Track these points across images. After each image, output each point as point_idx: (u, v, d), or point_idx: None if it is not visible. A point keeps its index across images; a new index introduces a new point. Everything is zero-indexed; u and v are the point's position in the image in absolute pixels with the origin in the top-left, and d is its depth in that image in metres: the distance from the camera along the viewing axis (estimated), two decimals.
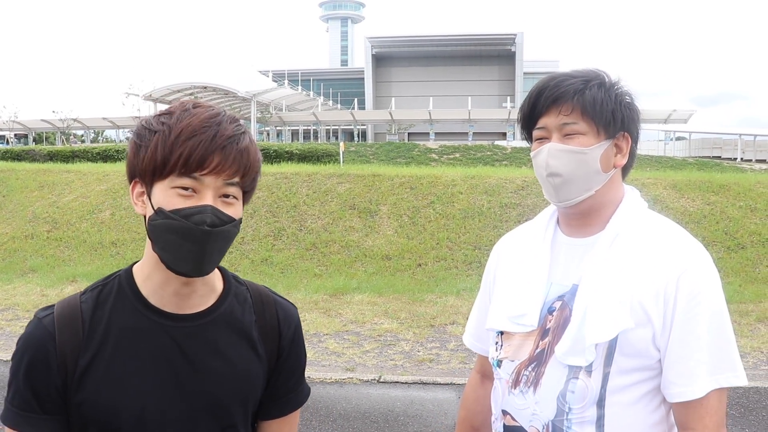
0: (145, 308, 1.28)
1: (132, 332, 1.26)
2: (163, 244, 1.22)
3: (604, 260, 1.45)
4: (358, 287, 9.58)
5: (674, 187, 12.34)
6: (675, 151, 45.60)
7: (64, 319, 1.25)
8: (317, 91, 77.30)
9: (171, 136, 1.18)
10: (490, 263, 1.78)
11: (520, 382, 1.51)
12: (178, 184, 1.19)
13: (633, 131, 1.52)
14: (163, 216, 1.19)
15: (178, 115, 1.21)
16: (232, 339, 1.33)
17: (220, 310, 1.33)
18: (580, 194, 1.48)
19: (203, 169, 1.18)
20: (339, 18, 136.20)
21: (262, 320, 1.39)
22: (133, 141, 1.23)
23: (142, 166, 1.21)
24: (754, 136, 41.90)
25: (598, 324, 1.39)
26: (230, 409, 1.32)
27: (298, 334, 1.45)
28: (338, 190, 12.92)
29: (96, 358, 1.24)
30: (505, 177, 13.22)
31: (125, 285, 1.30)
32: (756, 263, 10.08)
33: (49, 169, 16.32)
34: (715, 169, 24.93)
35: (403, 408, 5.40)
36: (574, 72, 1.52)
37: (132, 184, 1.26)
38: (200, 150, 1.17)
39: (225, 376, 1.31)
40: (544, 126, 1.50)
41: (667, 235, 1.48)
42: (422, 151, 33.99)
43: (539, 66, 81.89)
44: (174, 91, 48.54)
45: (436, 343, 7.19)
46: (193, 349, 1.28)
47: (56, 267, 11.11)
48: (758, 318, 7.84)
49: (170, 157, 1.18)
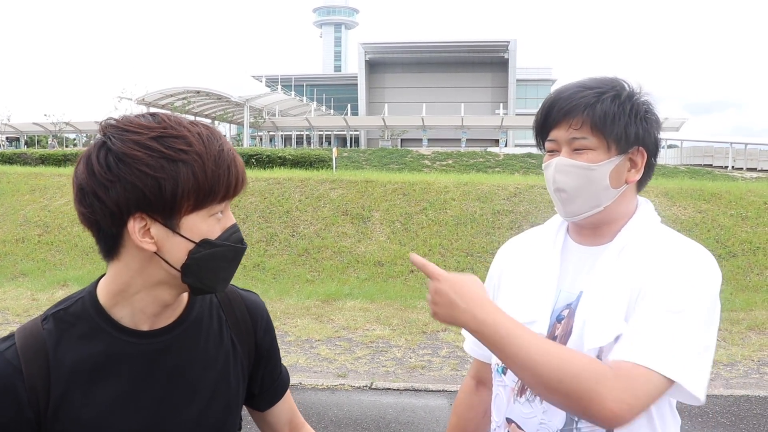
0: (117, 330, 1.20)
1: (105, 357, 1.18)
2: (206, 274, 1.16)
3: (609, 271, 1.43)
4: (350, 293, 9.56)
5: (666, 194, 12.39)
6: (667, 159, 45.78)
7: (29, 350, 1.15)
8: (310, 97, 77.39)
9: (209, 165, 1.11)
10: (495, 267, 1.74)
11: (526, 390, 1.49)
12: (216, 211, 1.15)
13: (649, 145, 1.47)
14: (210, 246, 1.14)
15: (195, 139, 1.11)
16: (205, 345, 1.29)
17: (191, 318, 1.29)
18: (587, 210, 1.46)
19: (238, 193, 1.18)
20: (333, 24, 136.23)
21: (233, 317, 1.36)
22: (142, 172, 1.07)
23: (168, 202, 1.09)
24: (745, 144, 42.13)
25: (595, 329, 1.38)
26: (216, 415, 1.30)
27: (269, 323, 1.44)
28: (331, 195, 12.91)
29: (70, 388, 1.16)
30: (497, 184, 13.25)
31: (90, 309, 1.20)
32: (747, 271, 10.13)
33: (40, 173, 16.25)
34: (706, 177, 25.07)
35: (394, 415, 5.39)
36: (591, 82, 1.47)
37: (131, 220, 1.10)
38: (241, 176, 1.16)
39: (206, 382, 1.28)
40: (555, 139, 1.47)
41: (675, 247, 1.43)
42: (415, 158, 34.01)
43: (532, 73, 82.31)
44: (167, 96, 48.45)
45: (428, 350, 7.18)
46: (170, 363, 1.24)
47: (47, 271, 11.05)
48: (749, 326, 7.87)
49: (215, 187, 1.12)
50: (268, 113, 58.86)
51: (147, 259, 1.14)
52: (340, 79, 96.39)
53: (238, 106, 54.06)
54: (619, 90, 1.44)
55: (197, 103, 52.02)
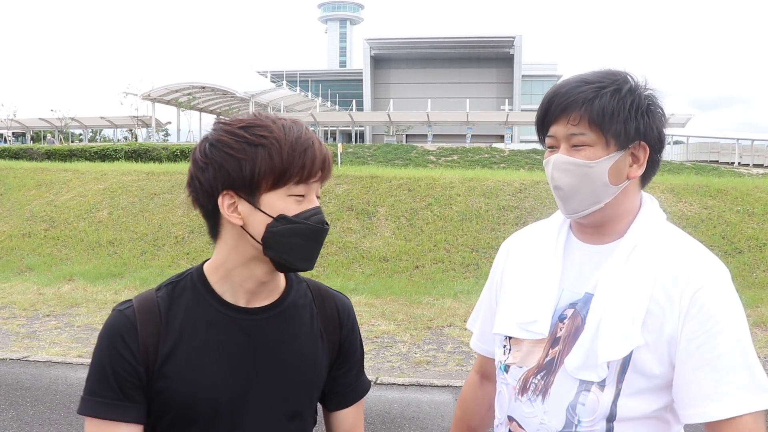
0: (218, 303, 1.35)
1: (206, 325, 1.33)
2: (284, 249, 1.29)
3: (621, 272, 1.40)
4: (355, 288, 9.58)
5: (672, 191, 12.36)
6: (673, 155, 45.66)
7: (144, 310, 1.32)
8: (315, 92, 77.27)
9: (285, 149, 1.25)
10: (498, 261, 1.72)
11: (528, 390, 1.47)
12: (294, 192, 1.28)
13: (652, 140, 1.42)
14: (286, 221, 1.27)
15: (277, 127, 1.27)
16: (297, 330, 1.42)
17: (286, 303, 1.42)
18: (587, 207, 1.43)
19: (315, 176, 1.30)
20: (338, 19, 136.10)
21: (323, 313, 1.48)
22: (227, 155, 1.26)
23: (248, 180, 1.25)
24: (752, 140, 41.99)
25: (610, 341, 1.34)
26: (298, 398, 1.40)
27: (356, 325, 1.56)
28: (336, 191, 12.92)
29: (175, 348, 1.31)
30: (502, 180, 13.23)
31: (198, 282, 1.37)
32: (753, 268, 10.10)
33: (46, 168, 16.31)
34: (712, 173, 25.01)
35: (399, 410, 5.40)
36: (592, 76, 1.43)
37: (221, 197, 1.28)
38: (318, 160, 1.29)
39: (293, 365, 1.39)
40: (554, 135, 1.44)
41: (686, 251, 1.41)
42: (420, 153, 33.98)
43: (538, 69, 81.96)
44: (172, 91, 48.48)
45: (433, 345, 7.19)
46: (263, 340, 1.37)
47: (53, 266, 11.10)
48: (755, 323, 7.86)
49: (290, 168, 1.26)
50: (273, 109, 58.84)
51: (238, 235, 1.31)
52: (345, 74, 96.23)
53: (243, 101, 54.12)
54: (620, 84, 1.41)
55: (202, 98, 52.08)
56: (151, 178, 14.33)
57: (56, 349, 7.03)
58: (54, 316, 8.45)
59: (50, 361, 6.62)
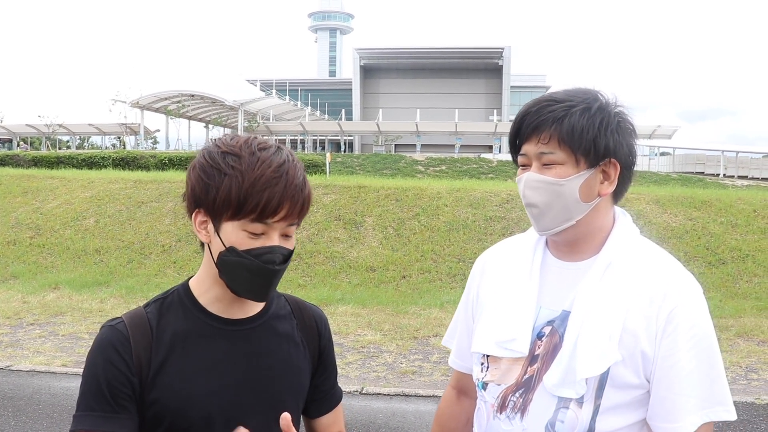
0: (205, 315, 1.40)
1: (195, 336, 1.38)
2: (233, 277, 1.34)
3: (597, 289, 1.41)
4: (342, 298, 9.58)
5: (657, 202, 12.47)
6: (659, 167, 45.99)
7: (134, 325, 1.37)
8: (305, 101, 77.31)
9: (245, 185, 1.27)
10: (474, 277, 1.72)
11: (506, 408, 1.47)
12: (250, 229, 1.30)
13: (622, 156, 1.44)
14: (235, 254, 1.31)
15: (247, 160, 1.29)
16: (281, 339, 1.47)
17: (268, 315, 1.47)
18: (559, 224, 1.45)
19: (275, 217, 1.30)
20: (328, 29, 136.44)
21: (302, 323, 1.54)
22: (199, 176, 1.32)
23: (211, 205, 1.31)
24: (737, 152, 42.45)
25: (588, 358, 1.36)
26: (287, 404, 1.43)
27: (330, 335, 1.61)
28: (324, 201, 12.93)
29: (167, 359, 1.35)
30: (490, 190, 13.29)
31: (184, 297, 1.42)
32: (736, 278, 10.19)
33: (33, 175, 16.23)
34: (697, 184, 25.23)
35: (384, 420, 5.41)
36: (563, 94, 1.45)
37: (194, 213, 1.35)
38: (275, 202, 1.28)
39: (280, 372, 1.44)
40: (526, 153, 1.46)
41: (661, 267, 1.43)
42: (409, 163, 34.08)
43: (526, 80, 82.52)
44: (161, 99, 48.40)
45: (419, 356, 7.21)
46: (249, 349, 1.41)
47: (38, 274, 11.03)
48: (738, 333, 7.93)
49: (245, 205, 1.27)
50: (263, 117, 58.85)
51: (209, 253, 1.37)
52: (335, 84, 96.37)
53: (232, 110, 54.05)
54: (590, 102, 1.42)
55: (192, 106, 51.99)
56: (139, 187, 14.28)
57: (40, 358, 6.99)
58: (38, 324, 8.40)
59: (33, 370, 6.57)
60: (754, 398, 5.86)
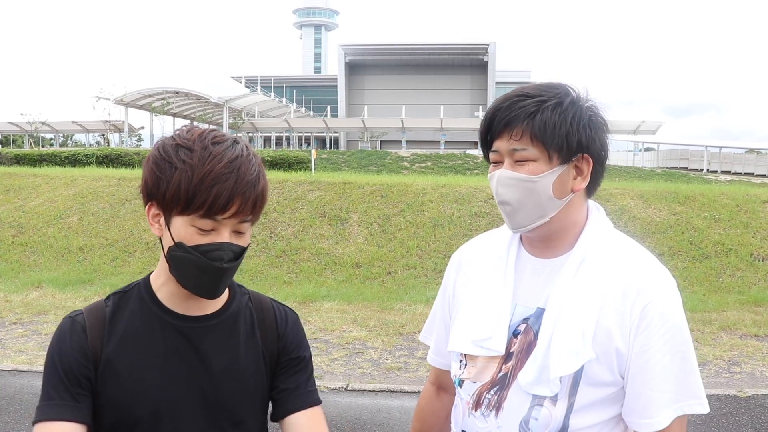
0: (160, 310, 1.40)
1: (148, 330, 1.38)
2: (181, 272, 1.33)
3: (570, 286, 1.41)
4: (327, 295, 9.57)
5: (641, 197, 12.54)
6: (643, 162, 46.35)
7: (93, 318, 1.38)
8: (290, 98, 77.18)
9: (194, 180, 1.25)
10: (450, 273, 1.72)
11: (481, 405, 1.48)
12: (198, 225, 1.28)
13: (595, 151, 1.42)
14: (183, 250, 1.30)
15: (199, 154, 1.27)
16: (237, 339, 1.45)
17: (227, 314, 1.46)
18: (533, 221, 1.43)
19: (225, 213, 1.28)
20: (313, 25, 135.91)
21: (262, 324, 1.51)
22: (152, 169, 1.31)
23: (161, 198, 1.29)
24: (720, 147, 42.82)
25: (562, 356, 1.36)
26: (239, 405, 1.42)
27: (298, 335, 1.55)
28: (309, 197, 12.91)
29: (118, 350, 1.36)
30: (475, 186, 13.32)
31: (143, 290, 1.43)
32: (719, 273, 10.28)
33: (15, 173, 16.08)
34: (681, 180, 25.41)
35: (370, 416, 5.41)
36: (533, 89, 1.42)
37: (147, 206, 1.34)
38: (223, 198, 1.26)
39: (233, 372, 1.42)
40: (498, 150, 1.44)
41: (634, 263, 1.43)
42: (394, 159, 34.07)
43: (511, 76, 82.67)
44: (146, 96, 48.06)
45: (404, 351, 7.21)
46: (203, 347, 1.40)
47: (21, 272, 10.92)
48: (721, 326, 7.99)
49: (193, 201, 1.26)
50: (248, 114, 58.61)
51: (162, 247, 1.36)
52: (320, 80, 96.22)
53: (217, 107, 53.78)
54: (562, 97, 1.40)
55: (176, 103, 51.68)
56: (123, 184, 14.18)
57: (22, 357, 6.92)
58: (21, 323, 8.32)
59: (16, 369, 6.51)
60: (737, 391, 5.91)
